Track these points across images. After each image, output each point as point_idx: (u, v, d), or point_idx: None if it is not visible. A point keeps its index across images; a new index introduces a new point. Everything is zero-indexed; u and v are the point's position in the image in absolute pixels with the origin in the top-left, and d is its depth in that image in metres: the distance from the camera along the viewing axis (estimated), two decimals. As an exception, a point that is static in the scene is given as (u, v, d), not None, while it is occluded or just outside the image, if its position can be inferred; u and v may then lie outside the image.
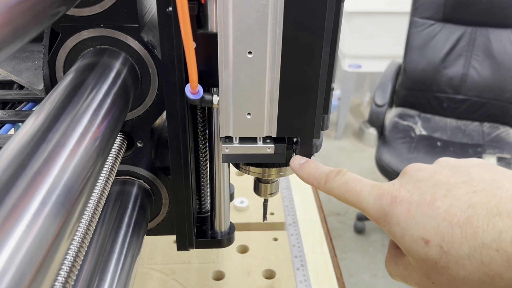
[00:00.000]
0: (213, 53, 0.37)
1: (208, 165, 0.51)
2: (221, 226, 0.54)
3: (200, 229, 0.54)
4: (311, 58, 0.37)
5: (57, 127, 0.29)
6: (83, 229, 0.34)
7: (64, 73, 0.44)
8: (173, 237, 0.52)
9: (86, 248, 0.34)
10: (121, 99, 0.38)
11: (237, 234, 0.57)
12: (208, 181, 0.52)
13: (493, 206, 0.27)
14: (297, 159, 0.41)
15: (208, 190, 0.54)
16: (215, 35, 0.36)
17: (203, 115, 0.46)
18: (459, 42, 1.94)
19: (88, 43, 0.43)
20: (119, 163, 0.44)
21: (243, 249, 0.80)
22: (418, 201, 0.30)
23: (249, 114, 0.39)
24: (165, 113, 0.43)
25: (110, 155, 0.43)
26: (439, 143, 1.91)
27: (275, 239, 0.82)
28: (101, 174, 0.40)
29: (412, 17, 1.97)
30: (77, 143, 0.29)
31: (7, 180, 0.23)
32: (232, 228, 0.56)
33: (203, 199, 0.54)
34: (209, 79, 0.39)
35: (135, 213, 0.48)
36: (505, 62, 1.88)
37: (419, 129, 1.97)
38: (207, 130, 0.48)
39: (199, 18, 0.38)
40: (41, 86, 0.45)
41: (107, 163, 0.41)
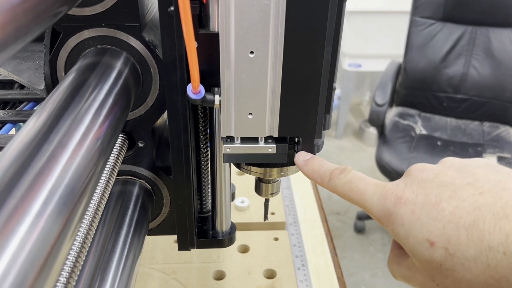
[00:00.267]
0: (214, 52, 0.37)
1: (209, 165, 0.51)
2: (222, 226, 0.54)
3: (201, 229, 0.54)
4: (313, 58, 0.37)
5: (59, 127, 0.29)
6: (85, 229, 0.34)
7: (65, 73, 0.44)
8: (174, 237, 0.52)
9: (88, 248, 0.34)
10: (123, 99, 0.38)
11: (238, 234, 0.57)
12: (209, 181, 0.52)
13: (499, 208, 0.27)
14: (301, 155, 0.41)
15: (209, 190, 0.53)
16: (216, 35, 0.36)
17: (204, 114, 0.46)
18: (459, 42, 1.94)
19: (90, 42, 0.42)
20: (120, 163, 0.44)
21: (244, 249, 0.80)
22: (423, 202, 0.30)
23: (250, 114, 0.39)
24: (166, 113, 0.43)
25: (112, 155, 0.43)
26: (439, 143, 1.90)
27: (276, 239, 0.82)
28: (103, 174, 0.40)
29: (412, 16, 1.97)
30: (79, 143, 0.29)
31: (9, 181, 0.23)
32: (233, 228, 0.56)
33: (204, 199, 0.54)
34: (211, 79, 0.39)
35: (136, 213, 0.48)
36: (505, 61, 1.88)
37: (419, 129, 1.97)
38: (208, 130, 0.48)
39: (200, 17, 0.38)
40: (42, 85, 0.45)
41: (108, 163, 0.41)
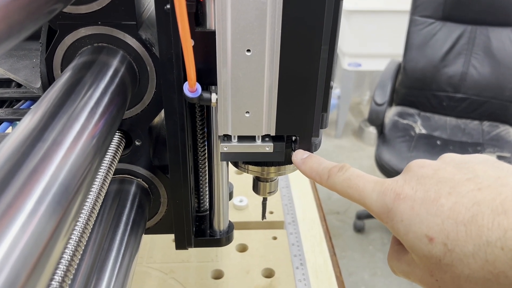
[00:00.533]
0: (211, 51, 0.37)
1: (206, 163, 0.50)
2: (220, 224, 0.54)
3: (199, 228, 0.54)
4: (310, 56, 0.37)
5: (54, 125, 0.29)
6: (81, 228, 0.34)
7: (62, 71, 0.44)
8: (172, 236, 0.52)
9: (84, 247, 0.34)
10: (119, 97, 0.38)
11: (236, 233, 0.56)
12: (207, 180, 0.52)
13: (498, 204, 0.27)
14: (299, 153, 0.41)
15: (207, 188, 0.53)
16: (213, 33, 0.36)
17: (201, 113, 0.46)
18: (459, 41, 1.94)
19: (86, 41, 0.42)
20: (117, 161, 0.43)
21: (242, 248, 0.80)
22: (422, 198, 0.30)
23: (247, 112, 0.39)
24: (163, 111, 0.43)
25: (108, 153, 0.42)
26: (438, 142, 1.90)
27: (274, 238, 0.82)
28: (99, 173, 0.39)
29: (412, 15, 1.97)
30: (74, 141, 0.29)
31: (3, 179, 0.23)
32: (231, 226, 0.55)
33: (201, 197, 0.54)
34: (208, 77, 0.39)
35: (133, 211, 0.48)
36: (504, 60, 1.88)
37: (419, 128, 1.97)
38: (205, 129, 0.47)
39: (197, 15, 0.37)
40: (39, 84, 0.45)
41: (104, 161, 0.41)
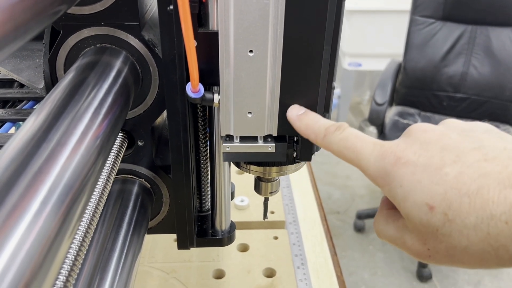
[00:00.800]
0: (214, 51, 0.37)
1: (208, 163, 0.51)
2: (222, 224, 0.54)
3: (201, 228, 0.54)
4: (312, 57, 0.37)
5: (58, 126, 0.29)
6: (84, 228, 0.34)
7: (65, 71, 0.44)
8: (174, 235, 0.52)
9: (87, 247, 0.34)
10: (122, 97, 0.38)
11: (237, 233, 0.57)
12: (209, 180, 0.52)
13: (505, 177, 0.26)
14: (295, 109, 0.38)
15: (209, 188, 0.53)
16: (216, 34, 0.36)
17: (203, 113, 0.46)
18: (459, 41, 1.94)
19: (89, 41, 0.42)
20: (119, 162, 0.44)
21: (244, 248, 0.80)
22: (424, 164, 0.29)
23: (250, 112, 0.39)
24: (165, 111, 0.43)
25: (111, 154, 0.43)
26: (439, 142, 1.90)
27: (276, 238, 0.82)
28: (102, 173, 0.40)
29: (412, 15, 1.97)
30: (78, 142, 0.29)
31: (8, 179, 0.23)
32: (233, 226, 0.56)
33: (203, 197, 0.54)
34: (210, 78, 0.39)
35: (136, 211, 0.48)
36: (505, 60, 1.88)
37: (419, 128, 1.96)
38: (207, 129, 0.48)
39: (200, 16, 0.38)
40: (42, 84, 0.45)
41: (107, 162, 0.41)
